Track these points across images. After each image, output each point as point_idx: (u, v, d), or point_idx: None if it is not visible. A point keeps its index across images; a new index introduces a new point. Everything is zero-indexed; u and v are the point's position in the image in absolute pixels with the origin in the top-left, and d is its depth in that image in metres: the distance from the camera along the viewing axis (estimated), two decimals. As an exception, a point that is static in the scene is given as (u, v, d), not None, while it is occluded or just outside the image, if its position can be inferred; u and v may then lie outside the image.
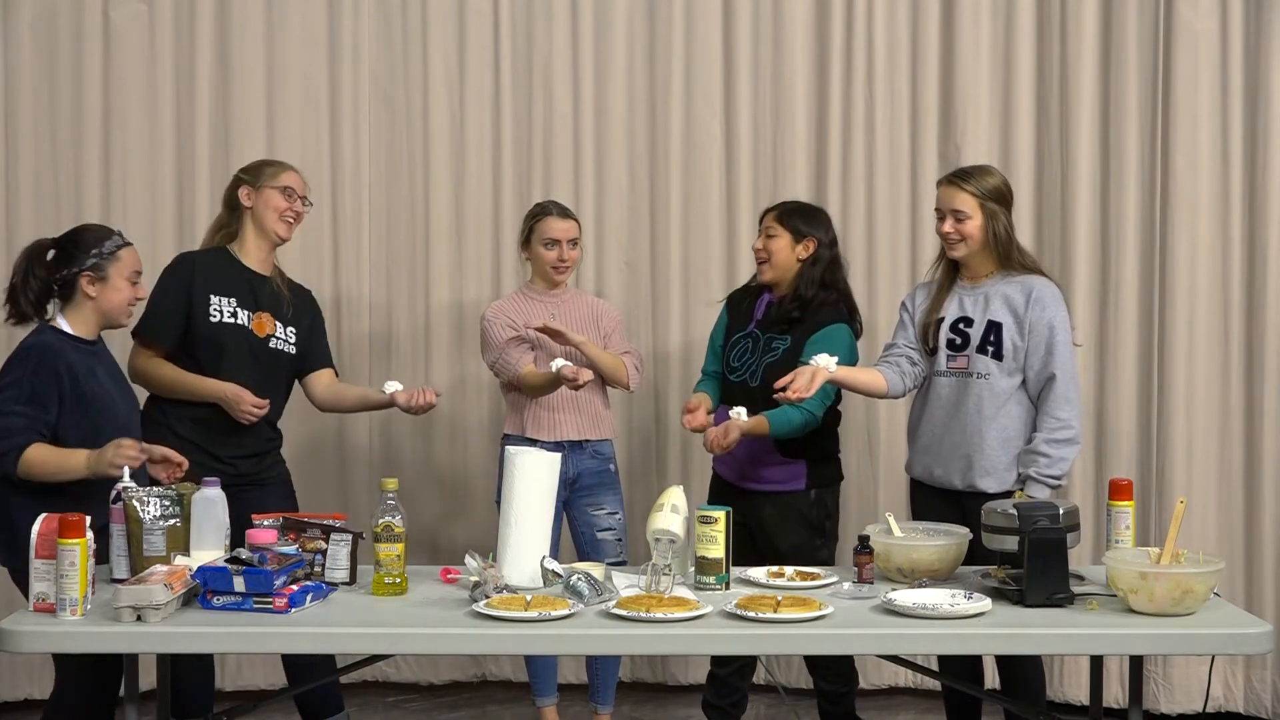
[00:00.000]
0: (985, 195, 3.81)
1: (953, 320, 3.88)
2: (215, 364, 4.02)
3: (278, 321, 4.12)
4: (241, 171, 4.20)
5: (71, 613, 2.93)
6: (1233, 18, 4.84)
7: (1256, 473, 4.87)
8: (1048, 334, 3.76)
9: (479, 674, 5.18)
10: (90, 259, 3.57)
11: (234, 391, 3.97)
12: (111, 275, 3.59)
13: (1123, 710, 3.54)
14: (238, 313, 4.05)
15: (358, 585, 3.30)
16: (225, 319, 4.03)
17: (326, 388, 4.26)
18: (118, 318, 3.65)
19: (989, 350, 3.80)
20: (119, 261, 3.60)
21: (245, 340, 4.05)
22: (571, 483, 4.39)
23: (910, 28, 5.03)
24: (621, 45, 5.09)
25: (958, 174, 3.91)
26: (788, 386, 3.70)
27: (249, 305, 4.08)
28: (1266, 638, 2.99)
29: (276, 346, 4.11)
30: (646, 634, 2.98)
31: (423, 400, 4.08)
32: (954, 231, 3.83)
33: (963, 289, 3.91)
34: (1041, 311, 3.77)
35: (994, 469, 3.78)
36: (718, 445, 3.99)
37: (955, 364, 3.86)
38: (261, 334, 4.08)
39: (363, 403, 4.30)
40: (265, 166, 4.18)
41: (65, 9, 4.97)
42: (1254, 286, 4.88)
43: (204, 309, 4.02)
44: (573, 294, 4.54)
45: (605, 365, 4.33)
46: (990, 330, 3.81)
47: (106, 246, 3.59)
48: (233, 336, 4.03)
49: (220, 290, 4.05)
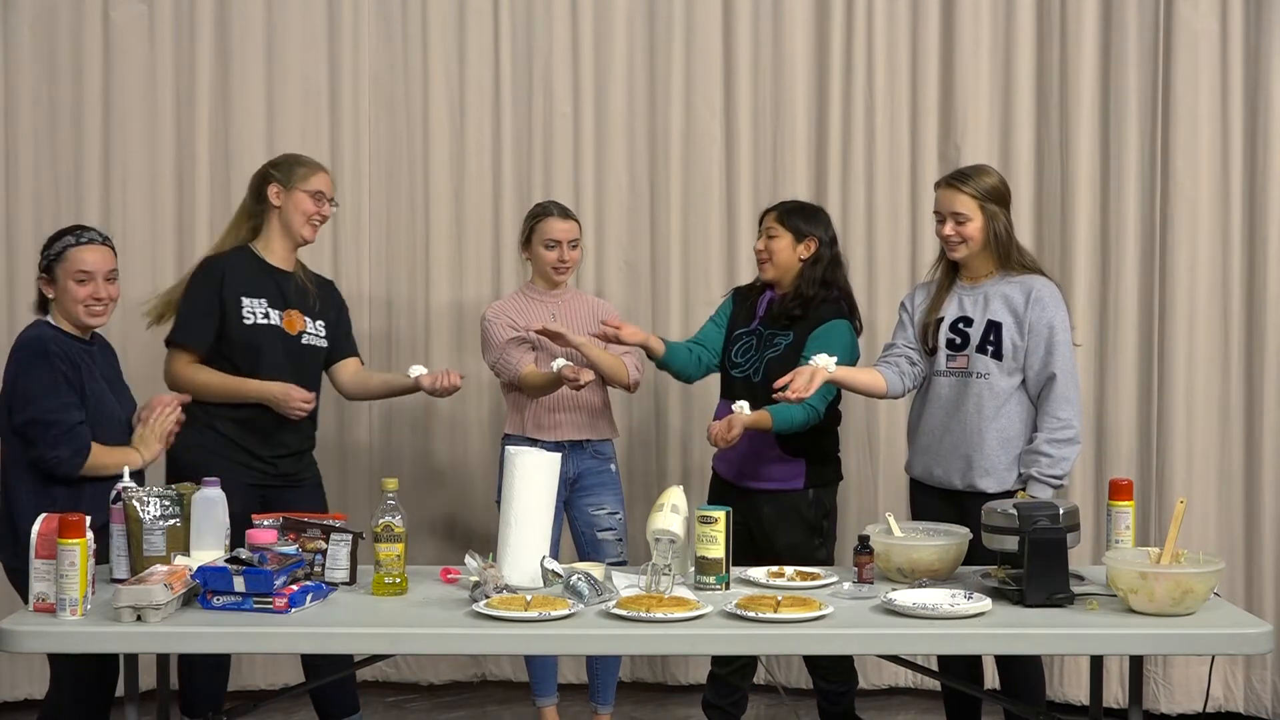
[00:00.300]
0: (985, 196, 3.81)
1: (952, 320, 3.87)
2: (253, 366, 4.03)
3: (306, 316, 4.14)
4: (272, 166, 4.18)
5: (71, 613, 2.93)
6: (1233, 18, 4.84)
7: (1256, 473, 4.87)
8: (1048, 333, 3.76)
9: (479, 674, 5.18)
10: (43, 261, 3.62)
11: (282, 390, 3.98)
12: (59, 276, 3.59)
13: (1123, 710, 3.54)
14: (269, 313, 4.06)
15: (358, 585, 3.30)
16: (259, 321, 4.04)
17: (353, 376, 4.28)
18: (76, 319, 3.60)
19: (989, 350, 3.80)
20: (65, 262, 3.59)
21: (280, 340, 4.06)
22: (572, 482, 4.40)
23: (910, 28, 5.03)
24: (621, 45, 5.09)
25: (956, 175, 3.89)
26: (787, 386, 3.70)
27: (278, 304, 4.09)
28: (1266, 638, 2.99)
29: (309, 342, 4.13)
30: (646, 634, 2.98)
31: (447, 382, 4.08)
32: (955, 234, 3.82)
33: (962, 289, 3.90)
34: (1041, 311, 3.77)
35: (994, 469, 3.78)
36: (721, 439, 3.97)
37: (955, 364, 3.85)
38: (293, 331, 4.10)
39: (388, 388, 4.31)
40: (297, 167, 4.14)
41: (65, 9, 4.97)
42: (1254, 286, 4.88)
43: (236, 312, 4.02)
44: (573, 294, 4.54)
45: (606, 366, 4.33)
46: (990, 330, 3.80)
47: (54, 248, 3.61)
48: (268, 337, 4.04)
49: (250, 292, 4.05)
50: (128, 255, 4.01)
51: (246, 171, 5.00)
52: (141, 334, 4.31)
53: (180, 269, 5.02)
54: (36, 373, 3.48)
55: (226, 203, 5.04)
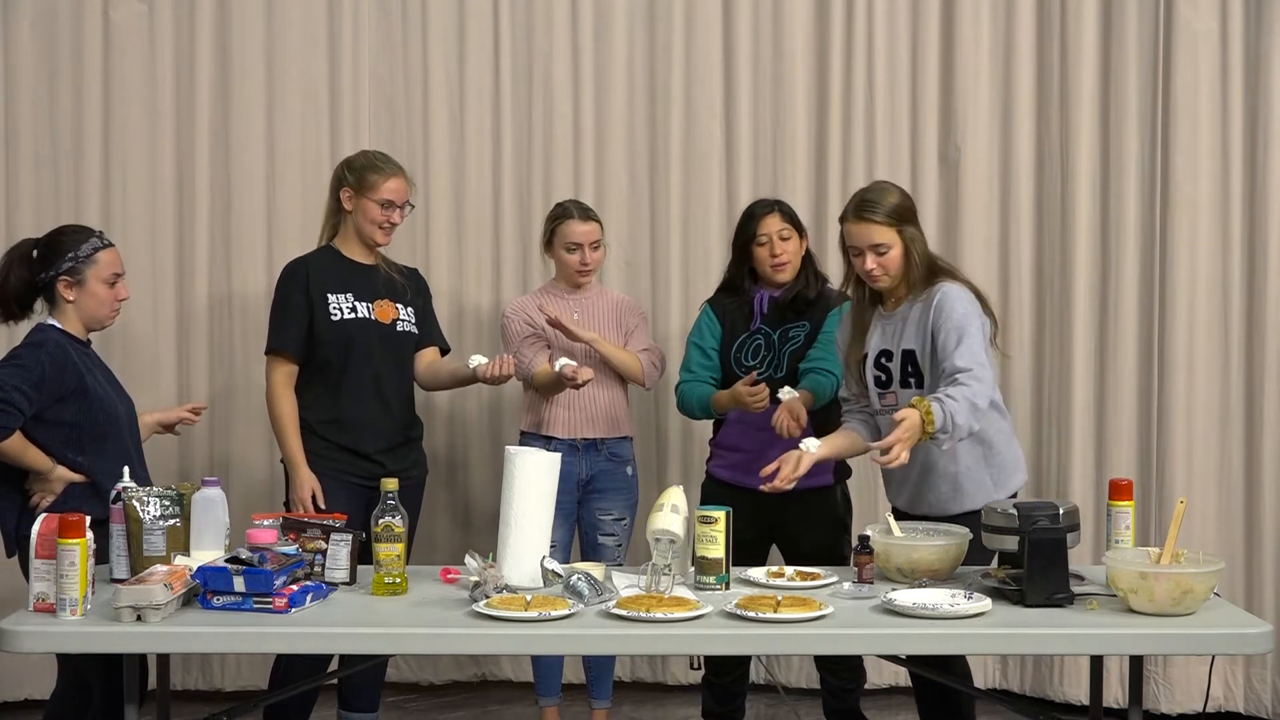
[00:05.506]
0: (898, 219, 3.59)
1: (875, 355, 3.67)
2: (344, 359, 4.10)
3: (398, 304, 4.20)
4: (346, 168, 4.22)
5: (71, 613, 2.93)
6: (1233, 18, 4.84)
7: (1256, 473, 4.87)
8: (957, 333, 3.49)
9: (479, 674, 5.18)
10: (66, 263, 3.58)
11: (305, 490, 4.07)
12: (88, 279, 3.58)
13: (1123, 710, 3.53)
14: (356, 306, 4.12)
15: (358, 585, 3.30)
16: (346, 316, 4.10)
17: (427, 365, 4.31)
18: (99, 321, 3.64)
19: (910, 382, 3.62)
20: (96, 265, 3.59)
21: (374, 330, 4.13)
22: (585, 484, 4.39)
23: (910, 28, 5.03)
24: (621, 45, 5.09)
25: (863, 207, 3.59)
26: (775, 475, 3.55)
27: (366, 296, 4.15)
28: (1266, 638, 2.99)
29: (404, 329, 4.20)
30: (646, 634, 2.98)
31: (498, 371, 4.09)
32: (877, 266, 3.58)
33: (883, 317, 3.69)
34: (942, 317, 3.52)
35: (974, 490, 3.62)
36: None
37: (886, 401, 3.65)
38: (387, 320, 4.17)
39: (454, 379, 4.33)
40: (369, 173, 4.16)
41: (65, 9, 4.97)
42: (1254, 286, 4.88)
43: (324, 310, 4.10)
44: (597, 291, 4.53)
45: (619, 362, 4.33)
46: (906, 360, 3.62)
47: (83, 250, 3.59)
48: (359, 330, 4.11)
49: (335, 288, 4.12)
50: (128, 255, 4.00)
51: (247, 171, 5.05)
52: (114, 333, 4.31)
53: (180, 269, 5.06)
54: (21, 354, 3.49)
55: (226, 203, 5.06)
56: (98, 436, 3.55)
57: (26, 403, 3.42)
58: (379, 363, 4.14)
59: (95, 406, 3.54)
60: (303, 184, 5.03)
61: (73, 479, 3.52)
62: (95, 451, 3.54)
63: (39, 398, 3.44)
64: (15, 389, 3.40)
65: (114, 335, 4.43)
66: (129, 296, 3.74)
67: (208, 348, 5.07)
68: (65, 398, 3.50)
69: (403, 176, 4.21)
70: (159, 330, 5.04)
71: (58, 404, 3.49)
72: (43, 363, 3.45)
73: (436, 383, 4.37)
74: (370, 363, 4.13)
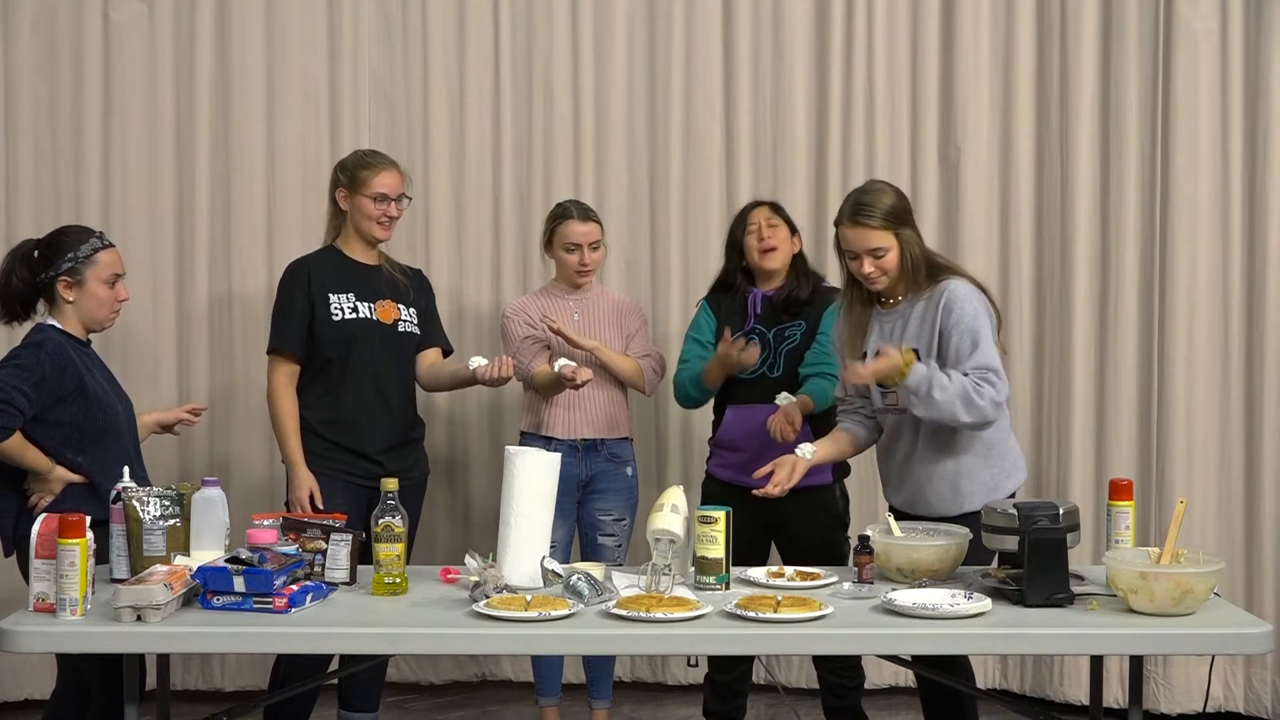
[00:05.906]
0: (894, 222, 3.56)
1: (874, 354, 3.59)
2: (345, 359, 4.11)
3: (400, 305, 4.21)
4: (339, 170, 4.24)
5: (71, 613, 2.93)
6: (1233, 18, 4.85)
7: (1256, 473, 4.87)
8: (970, 336, 3.50)
9: (479, 674, 5.18)
10: (66, 263, 3.58)
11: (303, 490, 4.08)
12: (88, 279, 3.58)
13: (1123, 710, 3.53)
14: (358, 306, 4.14)
15: (358, 585, 3.30)
16: (347, 315, 4.12)
17: (429, 366, 4.32)
18: (99, 321, 3.64)
19: None
20: (96, 265, 3.59)
21: (375, 330, 4.14)
22: (585, 485, 4.39)
23: (910, 28, 5.04)
24: (621, 45, 5.10)
25: (858, 211, 3.56)
26: (768, 479, 3.58)
27: (368, 297, 4.16)
28: (1266, 638, 2.99)
29: (405, 330, 4.21)
30: (646, 634, 2.98)
31: (496, 373, 4.08)
32: (875, 269, 3.56)
33: (881, 315, 3.67)
34: (952, 316, 3.52)
35: (973, 491, 3.61)
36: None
37: (889, 400, 3.64)
38: (389, 320, 4.18)
39: (454, 380, 4.33)
40: (359, 170, 4.18)
41: (65, 9, 4.97)
42: (1254, 286, 4.88)
43: (325, 310, 4.11)
44: (598, 292, 4.53)
45: (620, 369, 4.34)
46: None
47: (83, 250, 3.59)
48: (360, 330, 4.12)
49: (337, 288, 4.14)
50: (128, 255, 4.00)
51: (247, 171, 5.05)
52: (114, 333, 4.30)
53: (180, 269, 5.05)
54: (21, 355, 3.49)
55: (226, 203, 5.06)
56: (97, 437, 3.55)
57: (26, 403, 3.42)
58: (380, 363, 4.15)
59: (95, 407, 3.54)
60: (303, 184, 5.03)
61: (72, 479, 3.52)
62: (95, 452, 3.54)
63: (39, 398, 3.44)
64: (15, 389, 3.40)
65: (114, 335, 4.42)
66: (129, 297, 3.74)
67: (208, 348, 5.07)
68: (65, 398, 3.50)
69: (395, 170, 4.21)
70: (159, 330, 5.04)
71: (57, 404, 3.49)
72: (42, 363, 3.45)
73: (437, 384, 4.37)
74: (371, 363, 4.14)
